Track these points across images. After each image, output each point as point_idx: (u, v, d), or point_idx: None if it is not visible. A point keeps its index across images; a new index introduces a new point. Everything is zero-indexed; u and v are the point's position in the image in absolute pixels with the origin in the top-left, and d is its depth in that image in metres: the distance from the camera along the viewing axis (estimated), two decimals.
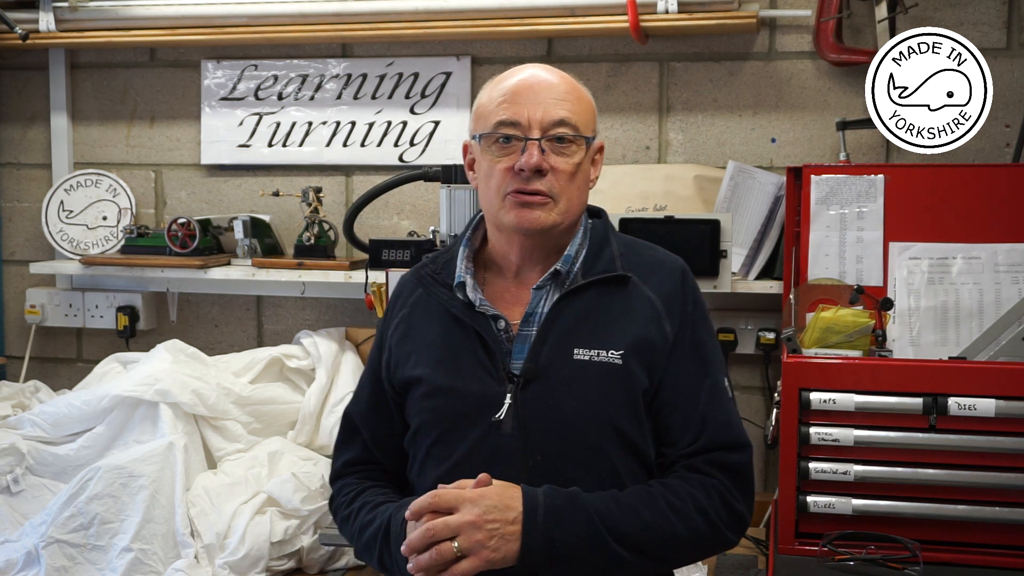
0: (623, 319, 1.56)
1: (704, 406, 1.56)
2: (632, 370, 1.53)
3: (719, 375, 1.60)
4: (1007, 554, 2.07)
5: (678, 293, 1.59)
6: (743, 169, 2.75)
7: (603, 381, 1.52)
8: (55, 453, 2.66)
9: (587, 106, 1.61)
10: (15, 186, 3.41)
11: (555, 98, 1.57)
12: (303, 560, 2.46)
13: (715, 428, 1.56)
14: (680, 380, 1.56)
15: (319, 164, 3.15)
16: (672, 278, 1.60)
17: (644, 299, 1.57)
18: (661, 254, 1.65)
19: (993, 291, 2.35)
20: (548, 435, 1.53)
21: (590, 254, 1.61)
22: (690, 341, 1.58)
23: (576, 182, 1.58)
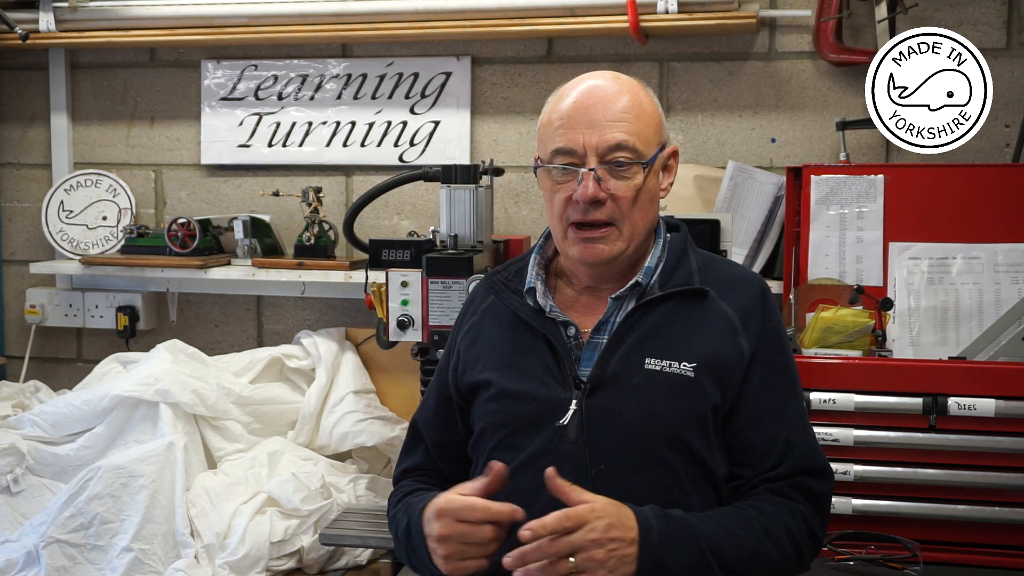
0: (698, 333, 1.53)
1: (790, 429, 1.54)
2: (703, 384, 1.50)
3: (801, 399, 1.59)
4: (1007, 554, 2.08)
5: (758, 310, 1.56)
6: (743, 169, 2.75)
7: (672, 392, 1.50)
8: (55, 453, 2.66)
9: (649, 120, 1.55)
10: (15, 186, 3.41)
11: (612, 120, 1.52)
12: (303, 560, 2.46)
13: (801, 453, 1.53)
14: (763, 400, 1.54)
15: (319, 164, 3.15)
16: (751, 294, 1.58)
17: (721, 314, 1.55)
18: (741, 270, 1.63)
19: (993, 291, 2.35)
20: (612, 444, 1.50)
21: (667, 267, 1.58)
22: (773, 360, 1.55)
23: (639, 204, 1.54)
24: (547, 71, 2.98)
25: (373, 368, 2.98)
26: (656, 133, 1.56)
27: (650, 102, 1.57)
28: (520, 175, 3.01)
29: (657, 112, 1.58)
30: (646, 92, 1.58)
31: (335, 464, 2.79)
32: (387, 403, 2.95)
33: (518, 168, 3.00)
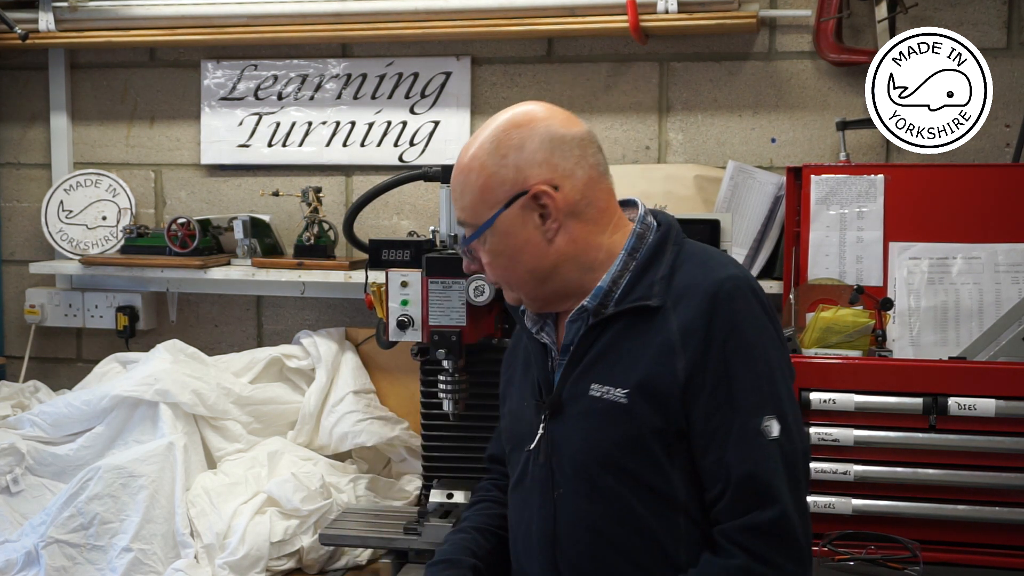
0: (637, 354, 1.47)
1: (731, 451, 1.42)
2: (636, 409, 1.45)
3: (755, 417, 1.42)
4: (1007, 554, 2.08)
5: (702, 322, 1.44)
6: (743, 169, 2.75)
7: (607, 419, 1.48)
8: (55, 453, 2.66)
9: (475, 190, 1.51)
10: (15, 186, 3.41)
11: (455, 199, 1.56)
12: (303, 560, 2.46)
13: (739, 479, 1.41)
14: (709, 421, 1.43)
15: (319, 164, 3.15)
16: (699, 305, 1.45)
17: (665, 331, 1.46)
18: (704, 275, 1.49)
19: (993, 291, 2.35)
20: (565, 470, 1.52)
21: (633, 279, 1.52)
22: (717, 376, 1.43)
23: (503, 263, 1.53)
24: (547, 71, 2.98)
25: (373, 368, 2.98)
26: (485, 201, 1.51)
27: (480, 168, 1.51)
28: None
29: (487, 170, 1.51)
30: (487, 150, 1.51)
31: (335, 464, 2.79)
32: (387, 403, 2.95)
33: None
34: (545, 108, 1.56)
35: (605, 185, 1.58)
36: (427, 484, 2.41)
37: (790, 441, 1.43)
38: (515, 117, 1.53)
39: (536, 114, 1.54)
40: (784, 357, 1.51)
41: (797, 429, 1.45)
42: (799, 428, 1.46)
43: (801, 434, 1.47)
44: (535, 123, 1.52)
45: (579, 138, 1.55)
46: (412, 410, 2.83)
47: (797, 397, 2.12)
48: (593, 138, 1.58)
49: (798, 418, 1.48)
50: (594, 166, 1.56)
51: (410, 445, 2.84)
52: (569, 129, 1.54)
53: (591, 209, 1.54)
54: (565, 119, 1.55)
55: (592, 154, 1.56)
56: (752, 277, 1.53)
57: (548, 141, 1.51)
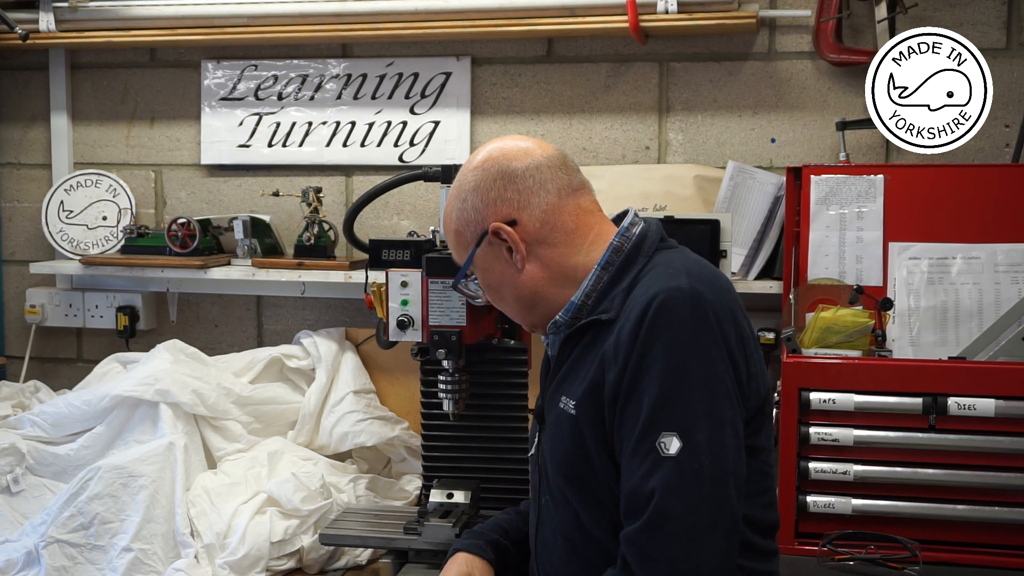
0: (588, 366, 1.52)
1: (625, 463, 1.43)
2: (582, 420, 1.50)
3: (652, 432, 1.40)
4: (1007, 554, 2.08)
5: (632, 335, 1.43)
6: (743, 169, 2.75)
7: (564, 430, 1.54)
8: (55, 453, 2.66)
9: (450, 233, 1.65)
10: (15, 186, 3.41)
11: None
12: (303, 560, 2.46)
13: (627, 491, 1.42)
14: (619, 431, 1.45)
15: (319, 164, 3.15)
16: (634, 318, 1.44)
17: (607, 342, 1.48)
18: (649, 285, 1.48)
19: (993, 291, 2.35)
20: (547, 479, 1.61)
21: (601, 293, 1.56)
22: (634, 389, 1.43)
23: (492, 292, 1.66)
24: (547, 71, 2.98)
25: (373, 368, 2.99)
26: (457, 241, 1.65)
27: (450, 215, 1.64)
28: None
29: (451, 216, 1.64)
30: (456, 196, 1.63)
31: (335, 464, 2.79)
32: (387, 403, 2.95)
33: None
34: (502, 145, 1.63)
35: (572, 205, 1.61)
36: (427, 484, 2.41)
37: (694, 459, 1.38)
38: (475, 161, 1.63)
39: (492, 153, 1.62)
40: (713, 374, 1.42)
41: (712, 448, 1.38)
42: (715, 447, 1.39)
43: (717, 454, 1.39)
44: (488, 162, 1.61)
45: (534, 167, 1.60)
46: (412, 410, 2.83)
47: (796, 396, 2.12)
48: (556, 162, 1.62)
49: (717, 437, 1.40)
50: (556, 190, 1.60)
51: (410, 445, 2.84)
52: (523, 161, 1.60)
53: (557, 233, 1.59)
54: (520, 152, 1.61)
55: (553, 179, 1.60)
56: (704, 290, 1.45)
57: (500, 178, 1.59)
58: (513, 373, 2.36)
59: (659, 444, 1.39)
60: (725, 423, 1.41)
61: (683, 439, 1.38)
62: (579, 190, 1.62)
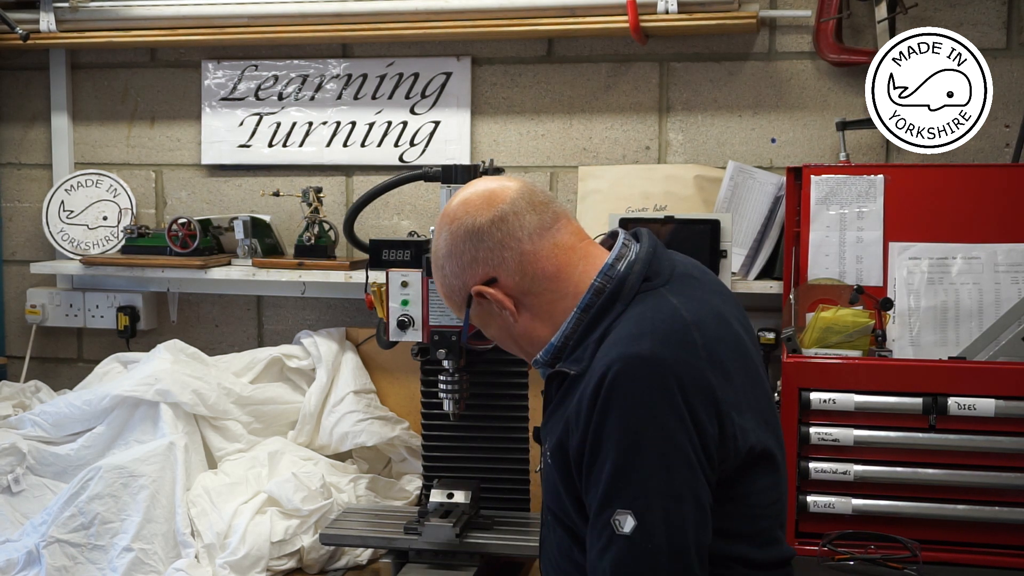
0: (559, 420, 1.48)
1: (588, 534, 1.41)
2: (556, 470, 1.49)
3: (607, 508, 1.36)
4: (1007, 554, 2.08)
5: (589, 403, 1.39)
6: (743, 169, 2.75)
7: (548, 471, 1.54)
8: (56, 453, 2.66)
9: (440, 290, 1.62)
10: (15, 186, 3.41)
11: None
12: (303, 560, 2.46)
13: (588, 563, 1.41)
14: (586, 498, 1.43)
15: (319, 164, 3.15)
16: (591, 382, 1.40)
17: (572, 403, 1.45)
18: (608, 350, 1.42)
19: (993, 291, 2.35)
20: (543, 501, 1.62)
21: (579, 338, 1.51)
22: (593, 459, 1.39)
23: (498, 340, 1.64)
24: (547, 71, 2.98)
25: (373, 368, 2.99)
26: (451, 300, 1.62)
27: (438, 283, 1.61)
28: (520, 175, 3.01)
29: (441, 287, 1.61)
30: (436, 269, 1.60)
31: (335, 464, 2.79)
32: (387, 403, 2.95)
33: (518, 168, 3.00)
34: (465, 199, 1.56)
35: (548, 247, 1.52)
36: (427, 484, 2.41)
37: (647, 538, 1.34)
38: (443, 221, 1.57)
39: (456, 212, 1.55)
40: (670, 445, 1.36)
41: (668, 524, 1.34)
42: (672, 522, 1.35)
43: (674, 529, 1.35)
44: (455, 223, 1.54)
45: (499, 219, 1.51)
46: (412, 410, 2.83)
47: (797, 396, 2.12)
48: (522, 204, 1.52)
49: (674, 511, 1.35)
50: (526, 238, 1.51)
51: (410, 445, 2.84)
52: (486, 214, 1.52)
53: (538, 281, 1.53)
54: (483, 203, 1.53)
55: (522, 225, 1.52)
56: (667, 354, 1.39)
57: (468, 239, 1.53)
58: (513, 373, 2.37)
59: (614, 521, 1.35)
60: (683, 496, 1.36)
61: (637, 517, 1.34)
62: (553, 226, 1.53)
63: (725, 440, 1.40)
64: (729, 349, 1.47)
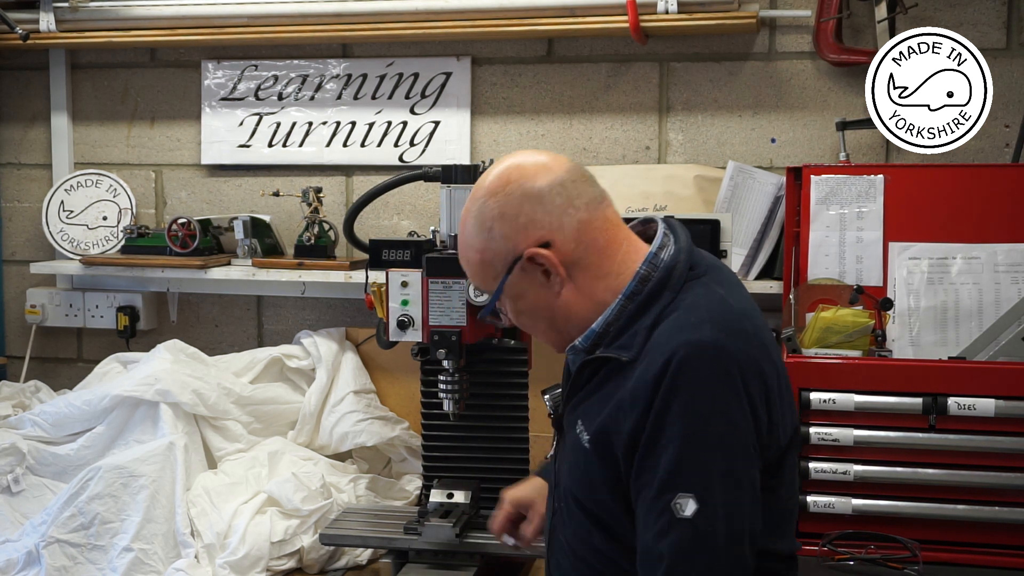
0: (603, 404, 1.47)
1: (639, 519, 1.41)
2: (595, 457, 1.47)
3: (667, 492, 1.37)
4: (1007, 554, 2.08)
5: (651, 387, 1.39)
6: (743, 169, 2.75)
7: (578, 458, 1.52)
8: (55, 453, 2.66)
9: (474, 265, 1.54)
10: (15, 186, 3.41)
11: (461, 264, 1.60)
12: (303, 560, 2.46)
13: (640, 548, 1.41)
14: (636, 484, 1.42)
15: (319, 164, 3.15)
16: (653, 368, 1.39)
17: (625, 387, 1.43)
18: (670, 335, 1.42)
19: (993, 291, 2.35)
20: (561, 488, 1.59)
21: (623, 325, 1.49)
22: (653, 443, 1.39)
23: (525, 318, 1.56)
24: (547, 71, 2.98)
25: (373, 368, 2.99)
26: (483, 272, 1.53)
27: (472, 248, 1.53)
28: None
29: (474, 247, 1.52)
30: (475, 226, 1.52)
31: (335, 464, 2.79)
32: (387, 403, 2.95)
33: None
34: (518, 164, 1.52)
35: (600, 219, 1.52)
36: (427, 484, 2.41)
37: (708, 522, 1.36)
38: (492, 185, 1.51)
39: (510, 175, 1.51)
40: (733, 432, 1.39)
41: (727, 510, 1.37)
42: (731, 509, 1.37)
43: (733, 515, 1.37)
44: (509, 185, 1.50)
45: (558, 184, 1.50)
46: (412, 410, 2.83)
47: (797, 396, 2.12)
48: (576, 175, 1.52)
49: (733, 498, 1.38)
50: (583, 206, 1.50)
51: (410, 445, 2.84)
52: (545, 178, 1.50)
53: (590, 254, 1.51)
54: (540, 168, 1.51)
55: (579, 194, 1.50)
56: (728, 342, 1.40)
57: (526, 201, 1.49)
58: (513, 373, 2.36)
59: (675, 505, 1.36)
60: (742, 482, 1.39)
61: (699, 502, 1.36)
62: (603, 201, 1.53)
63: (772, 429, 1.44)
64: (771, 338, 1.51)
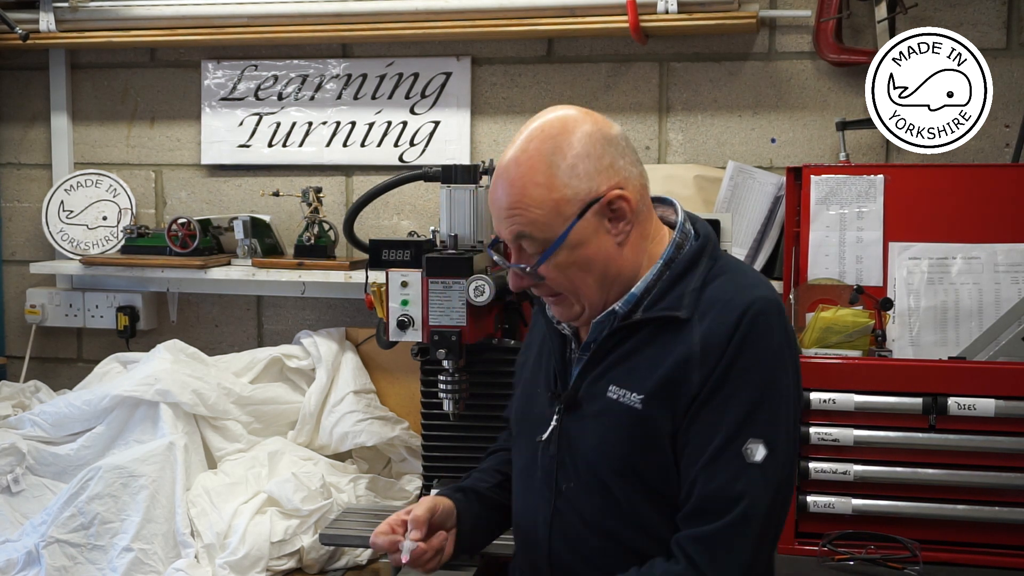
0: (659, 361, 1.47)
1: (701, 467, 1.43)
2: (653, 415, 1.46)
3: (739, 437, 1.42)
4: (1007, 554, 2.08)
5: (724, 338, 1.43)
6: (743, 169, 2.75)
7: (623, 422, 1.48)
8: (55, 453, 2.66)
9: (543, 202, 1.44)
10: (15, 186, 3.41)
11: (508, 215, 1.47)
12: (303, 560, 2.46)
13: (702, 494, 1.43)
14: (690, 432, 1.45)
15: (319, 164, 3.15)
16: (725, 321, 1.43)
17: (686, 342, 1.45)
18: (736, 290, 1.47)
19: (993, 291, 2.35)
20: (576, 465, 1.54)
21: (663, 288, 1.50)
22: (720, 392, 1.43)
23: (574, 274, 1.48)
24: (547, 71, 2.98)
25: (373, 368, 2.99)
26: (557, 212, 1.45)
27: (549, 178, 1.44)
28: None
29: (557, 185, 1.44)
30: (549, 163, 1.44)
31: (335, 464, 2.79)
32: (387, 403, 2.95)
33: None
34: (584, 111, 1.51)
35: (647, 181, 1.55)
36: (427, 484, 2.41)
37: (774, 468, 1.42)
38: (565, 124, 1.47)
39: (582, 118, 1.49)
40: (794, 385, 1.49)
41: (786, 459, 1.45)
42: (788, 458, 1.46)
43: (788, 465, 1.46)
44: (585, 126, 1.47)
45: (623, 136, 1.51)
46: (412, 410, 2.83)
47: None
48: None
49: (790, 449, 1.47)
50: (639, 162, 1.52)
51: (410, 445, 2.84)
52: (613, 128, 1.51)
53: (645, 208, 1.52)
54: (603, 119, 1.52)
55: (634, 151, 1.52)
56: (780, 300, 1.50)
57: (605, 143, 1.47)
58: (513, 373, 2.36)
59: (745, 450, 1.41)
60: (791, 432, 1.48)
61: (768, 447, 1.42)
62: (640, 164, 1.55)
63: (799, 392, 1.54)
64: None
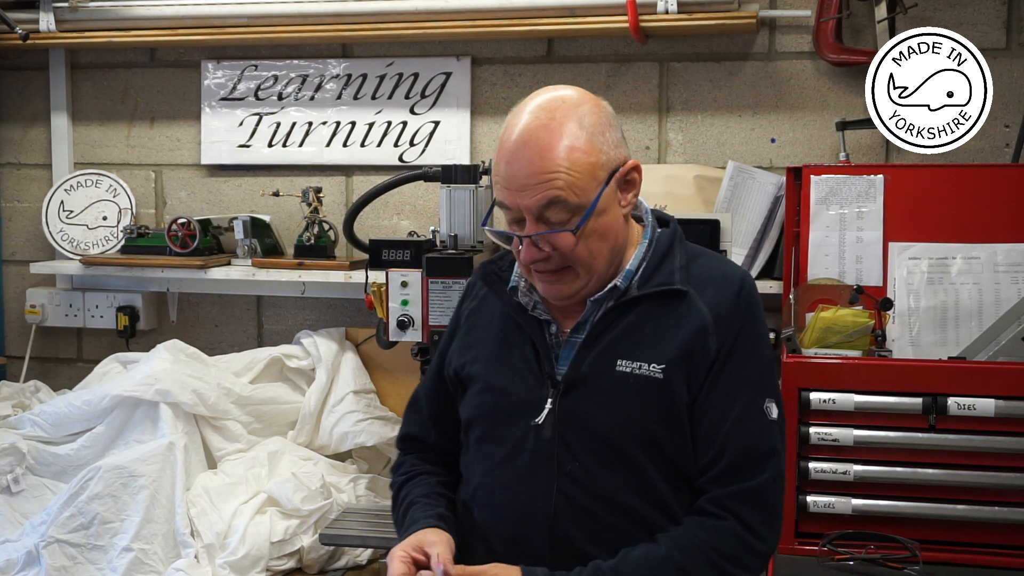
0: (671, 332, 1.53)
1: (729, 427, 1.51)
2: (673, 384, 1.50)
3: (759, 397, 1.53)
4: (1007, 554, 2.08)
5: (730, 308, 1.54)
6: (743, 169, 2.75)
7: (642, 394, 1.51)
8: (55, 453, 2.66)
9: (582, 166, 1.46)
10: (15, 186, 3.41)
11: (541, 181, 1.45)
12: (303, 560, 2.46)
13: (735, 453, 1.50)
14: (711, 396, 1.52)
15: (319, 164, 3.15)
16: (727, 291, 1.55)
17: (696, 312, 1.53)
18: (723, 266, 1.60)
19: (993, 291, 2.35)
20: (584, 443, 1.54)
21: (651, 266, 1.57)
22: (734, 358, 1.52)
23: (595, 239, 1.50)
24: (547, 71, 2.98)
25: (373, 368, 2.99)
26: (593, 175, 1.47)
27: (584, 142, 1.46)
28: None
29: (593, 148, 1.47)
30: (579, 127, 1.47)
31: (335, 464, 2.79)
32: (387, 403, 2.95)
33: None
34: (576, 88, 1.56)
35: None
36: None
37: (781, 424, 1.56)
38: (583, 95, 1.52)
39: (585, 93, 1.54)
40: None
41: (783, 416, 1.58)
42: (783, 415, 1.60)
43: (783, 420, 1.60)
44: (595, 100, 1.53)
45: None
46: None
47: (796, 396, 2.13)
48: None
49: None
50: None
51: None
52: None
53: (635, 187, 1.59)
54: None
55: None
56: None
57: (613, 117, 1.54)
58: None
59: (766, 408, 1.53)
60: None
61: (778, 405, 1.56)
62: None
63: None
64: None
